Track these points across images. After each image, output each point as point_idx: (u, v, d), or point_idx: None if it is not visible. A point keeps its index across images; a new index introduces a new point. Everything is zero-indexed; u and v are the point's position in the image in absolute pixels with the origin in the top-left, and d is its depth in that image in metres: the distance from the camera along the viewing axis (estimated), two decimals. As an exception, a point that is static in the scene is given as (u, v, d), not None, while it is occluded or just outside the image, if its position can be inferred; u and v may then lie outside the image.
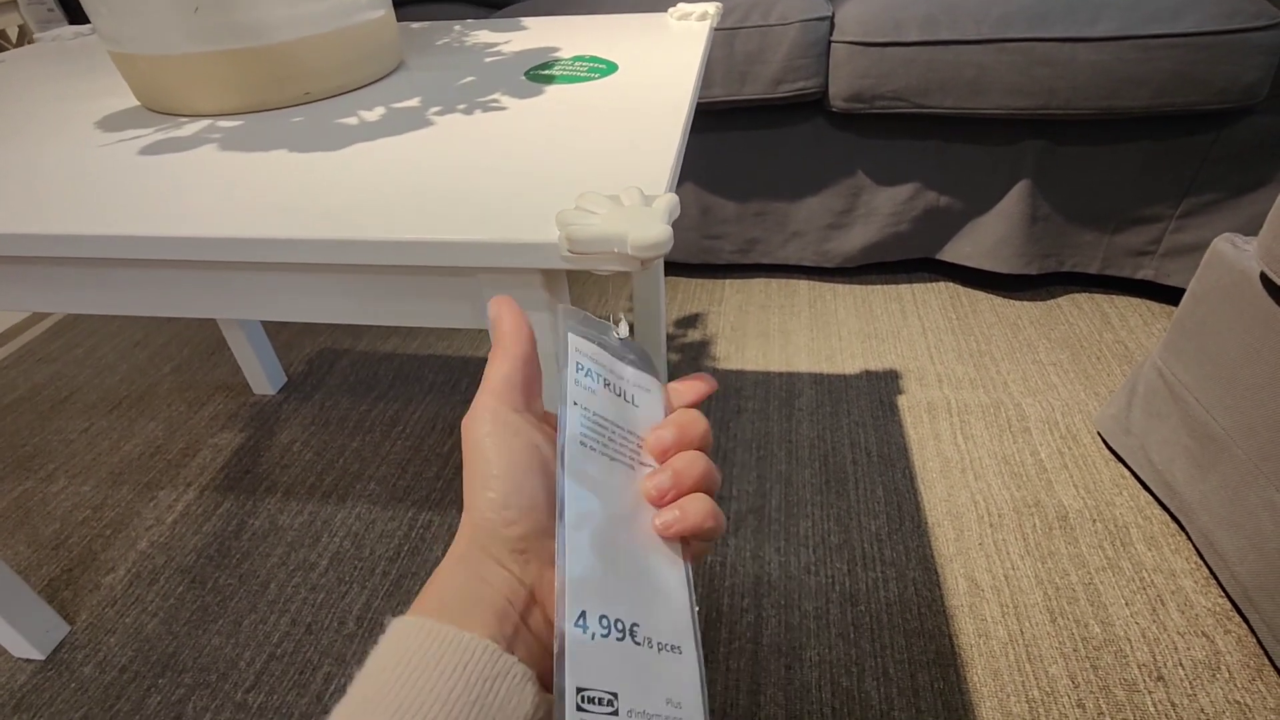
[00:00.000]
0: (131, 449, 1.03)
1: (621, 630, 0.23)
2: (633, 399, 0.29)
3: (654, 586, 0.25)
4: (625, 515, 0.26)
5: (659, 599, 0.25)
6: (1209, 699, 0.66)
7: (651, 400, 0.30)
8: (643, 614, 0.24)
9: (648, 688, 0.23)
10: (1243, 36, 0.92)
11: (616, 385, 0.29)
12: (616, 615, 0.24)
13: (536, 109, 0.49)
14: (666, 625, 0.25)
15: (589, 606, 0.23)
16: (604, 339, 0.30)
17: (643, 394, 0.30)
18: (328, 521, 0.90)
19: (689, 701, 0.23)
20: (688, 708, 0.23)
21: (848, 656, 0.71)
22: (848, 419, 1.00)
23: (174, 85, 0.51)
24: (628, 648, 0.23)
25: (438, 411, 1.06)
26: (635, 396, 0.29)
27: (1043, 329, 1.16)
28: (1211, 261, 0.76)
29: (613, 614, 0.23)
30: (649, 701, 0.22)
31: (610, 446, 0.27)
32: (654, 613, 0.25)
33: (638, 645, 0.23)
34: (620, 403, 0.28)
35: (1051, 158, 1.11)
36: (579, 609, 0.23)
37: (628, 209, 0.33)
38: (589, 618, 0.23)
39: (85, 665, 0.75)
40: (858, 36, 1.04)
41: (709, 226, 1.29)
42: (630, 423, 0.28)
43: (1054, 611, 0.74)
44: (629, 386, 0.29)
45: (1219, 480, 0.73)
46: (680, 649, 0.24)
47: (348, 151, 0.44)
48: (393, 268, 0.38)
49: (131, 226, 0.36)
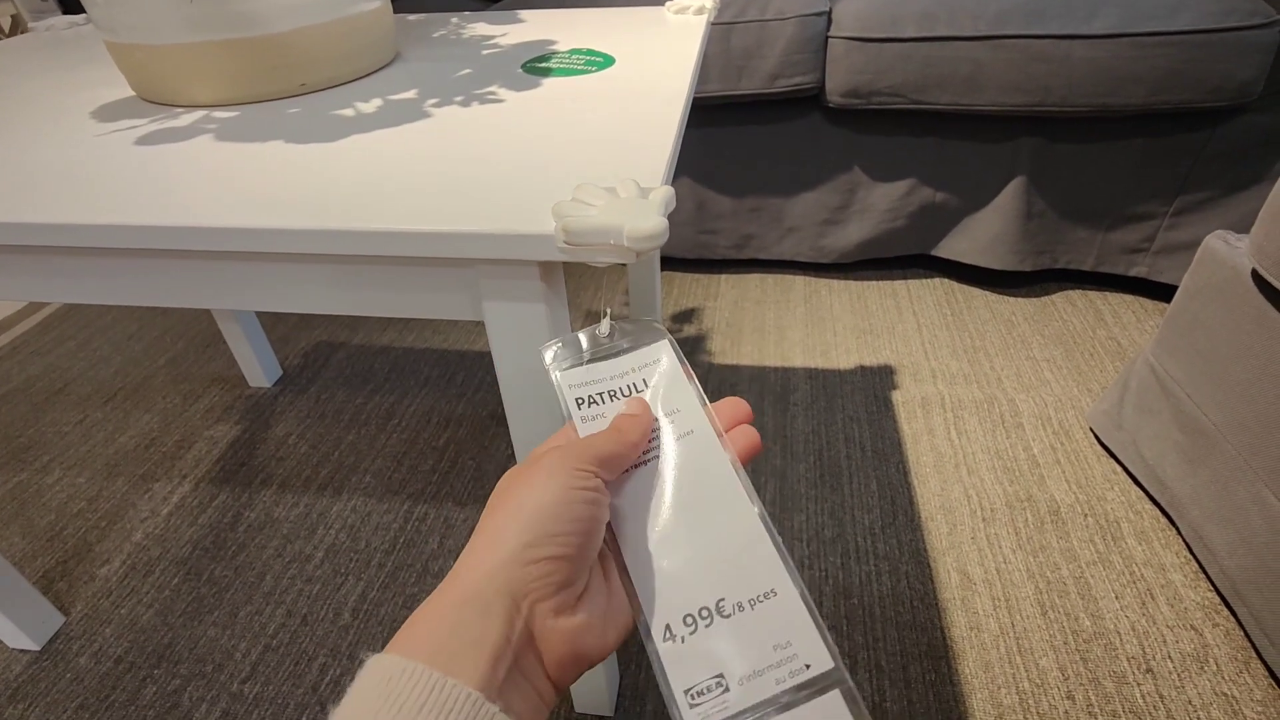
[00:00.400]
0: (127, 441, 1.03)
1: (708, 615, 0.24)
2: (644, 383, 0.30)
3: (729, 547, 0.26)
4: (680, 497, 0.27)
5: (738, 555, 0.26)
6: (1197, 691, 0.66)
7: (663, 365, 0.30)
8: (725, 584, 0.25)
9: (750, 649, 0.24)
10: (1238, 35, 0.93)
11: (622, 386, 0.30)
12: (700, 605, 0.24)
13: (533, 101, 0.49)
14: (753, 578, 0.25)
15: (670, 618, 0.24)
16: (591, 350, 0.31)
17: (651, 369, 0.30)
18: (323, 514, 0.90)
19: (798, 637, 0.24)
20: (798, 642, 0.24)
21: (841, 649, 0.72)
22: (842, 414, 1.01)
23: (170, 75, 0.51)
24: (718, 627, 0.24)
25: (433, 405, 1.06)
26: (646, 378, 0.30)
27: (1037, 325, 1.16)
28: (1204, 258, 0.77)
29: (695, 607, 0.24)
30: (756, 660, 0.23)
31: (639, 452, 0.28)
32: (737, 574, 0.25)
33: (727, 618, 0.24)
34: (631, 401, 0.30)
35: (1047, 155, 1.11)
36: (662, 625, 0.24)
37: (624, 200, 0.33)
38: (673, 627, 0.24)
39: (80, 656, 0.75)
40: (855, 32, 1.04)
41: (705, 222, 1.29)
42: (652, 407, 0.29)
43: (1045, 605, 0.75)
44: (634, 376, 0.30)
45: (1209, 475, 0.74)
46: (775, 591, 0.25)
47: (344, 143, 0.44)
48: (389, 259, 0.38)
49: (128, 216, 0.36)
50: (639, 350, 0.30)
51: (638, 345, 0.31)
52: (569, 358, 0.31)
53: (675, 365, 0.30)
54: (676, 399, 0.29)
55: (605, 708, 0.67)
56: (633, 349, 0.31)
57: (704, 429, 0.28)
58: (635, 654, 0.72)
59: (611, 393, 0.29)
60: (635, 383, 0.30)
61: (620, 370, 0.30)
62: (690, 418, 0.29)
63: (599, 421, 0.29)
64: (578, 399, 0.29)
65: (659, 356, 0.30)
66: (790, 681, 0.23)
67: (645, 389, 0.29)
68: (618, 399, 0.29)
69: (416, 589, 0.80)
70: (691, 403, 0.29)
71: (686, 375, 0.30)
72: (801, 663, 0.24)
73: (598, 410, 0.29)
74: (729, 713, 0.23)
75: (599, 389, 0.29)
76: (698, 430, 0.28)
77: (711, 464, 0.27)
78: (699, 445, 0.28)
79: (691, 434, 0.28)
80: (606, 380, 0.30)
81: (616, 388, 0.30)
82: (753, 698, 0.23)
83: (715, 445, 0.28)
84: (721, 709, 0.23)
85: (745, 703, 0.23)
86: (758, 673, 0.23)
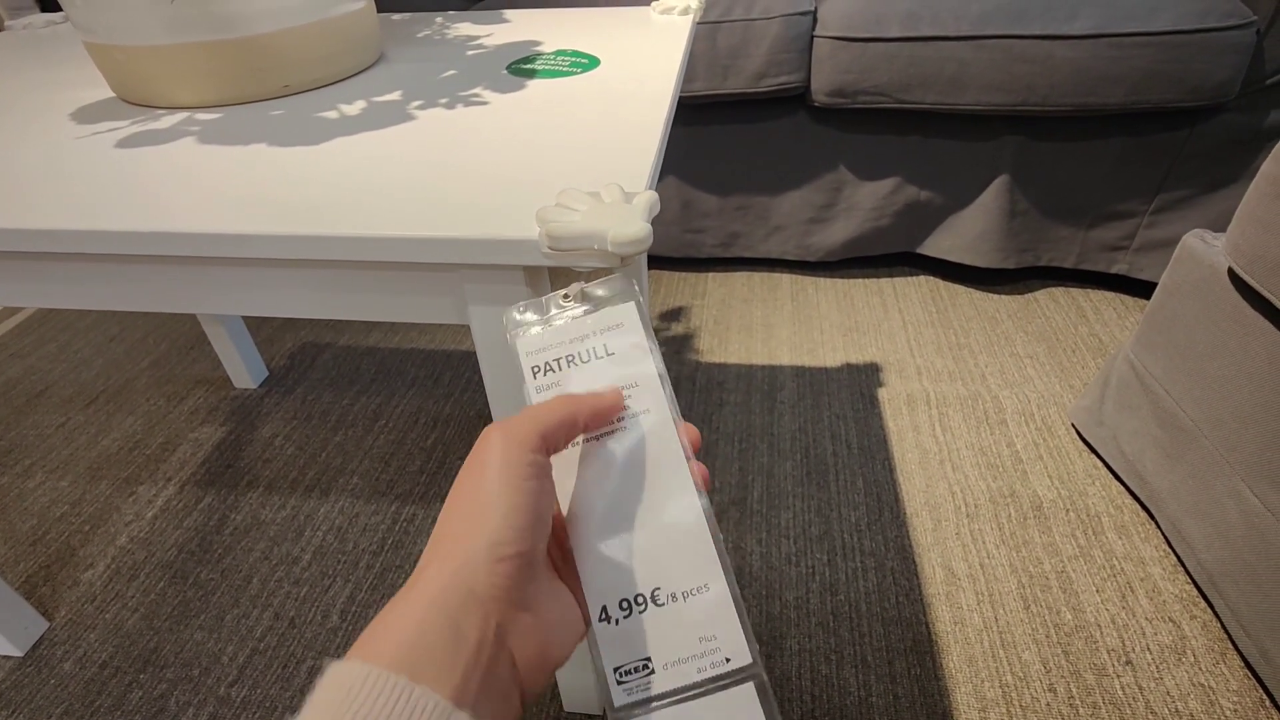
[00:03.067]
0: (110, 444, 1.02)
1: (643, 603, 0.26)
2: (605, 348, 0.28)
3: (670, 536, 0.26)
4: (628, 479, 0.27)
5: (678, 549, 0.26)
6: (1175, 682, 0.68)
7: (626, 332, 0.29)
8: (662, 574, 0.26)
9: (678, 638, 0.25)
10: (1216, 35, 0.94)
11: (582, 351, 0.28)
12: (636, 592, 0.26)
13: (518, 104, 0.49)
14: (688, 571, 0.26)
15: (607, 600, 0.25)
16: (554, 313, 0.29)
17: (615, 333, 0.29)
18: (310, 516, 0.89)
19: (723, 632, 0.25)
20: (722, 636, 0.25)
21: (827, 645, 0.72)
22: (829, 412, 1.01)
23: (151, 77, 0.50)
24: (651, 615, 0.25)
25: (420, 406, 1.06)
26: (607, 344, 0.29)
27: (1020, 322, 1.18)
28: (1181, 256, 0.78)
29: (631, 593, 0.26)
30: (682, 649, 0.25)
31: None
32: (674, 566, 0.26)
33: (660, 607, 0.26)
34: (591, 366, 0.28)
35: (1029, 153, 1.12)
36: (599, 606, 0.25)
37: (608, 206, 0.33)
38: (609, 609, 0.25)
39: (65, 661, 0.74)
40: (840, 32, 1.04)
41: (691, 220, 1.29)
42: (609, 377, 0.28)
43: (1027, 599, 0.76)
44: (596, 340, 0.29)
45: (1187, 470, 0.75)
46: (707, 586, 0.26)
47: (328, 146, 0.44)
48: (374, 263, 0.38)
49: (110, 222, 0.36)
50: (602, 312, 0.29)
51: (602, 306, 0.29)
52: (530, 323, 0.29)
53: (639, 331, 0.29)
54: (637, 371, 0.28)
55: (594, 706, 0.67)
56: (597, 308, 0.29)
57: (661, 409, 0.28)
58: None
59: (570, 357, 0.28)
60: (595, 348, 0.28)
61: (581, 333, 0.29)
62: (647, 394, 0.28)
63: (552, 391, 0.28)
64: (533, 367, 0.28)
65: (622, 320, 0.29)
66: (710, 671, 0.25)
67: (606, 355, 0.28)
68: (576, 364, 0.28)
69: (405, 590, 0.79)
70: (650, 376, 0.28)
71: (650, 346, 0.28)
72: (723, 655, 0.25)
73: (554, 379, 0.28)
74: (651, 693, 0.25)
75: (557, 354, 0.28)
76: (654, 409, 0.28)
77: (664, 450, 0.27)
78: (653, 427, 0.27)
79: (648, 412, 0.28)
80: (566, 344, 0.28)
81: (576, 352, 0.28)
82: (675, 682, 0.25)
83: (670, 430, 0.27)
84: (644, 690, 0.25)
85: (667, 685, 0.25)
86: (682, 660, 0.25)
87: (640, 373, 0.28)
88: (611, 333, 0.29)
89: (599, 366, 0.28)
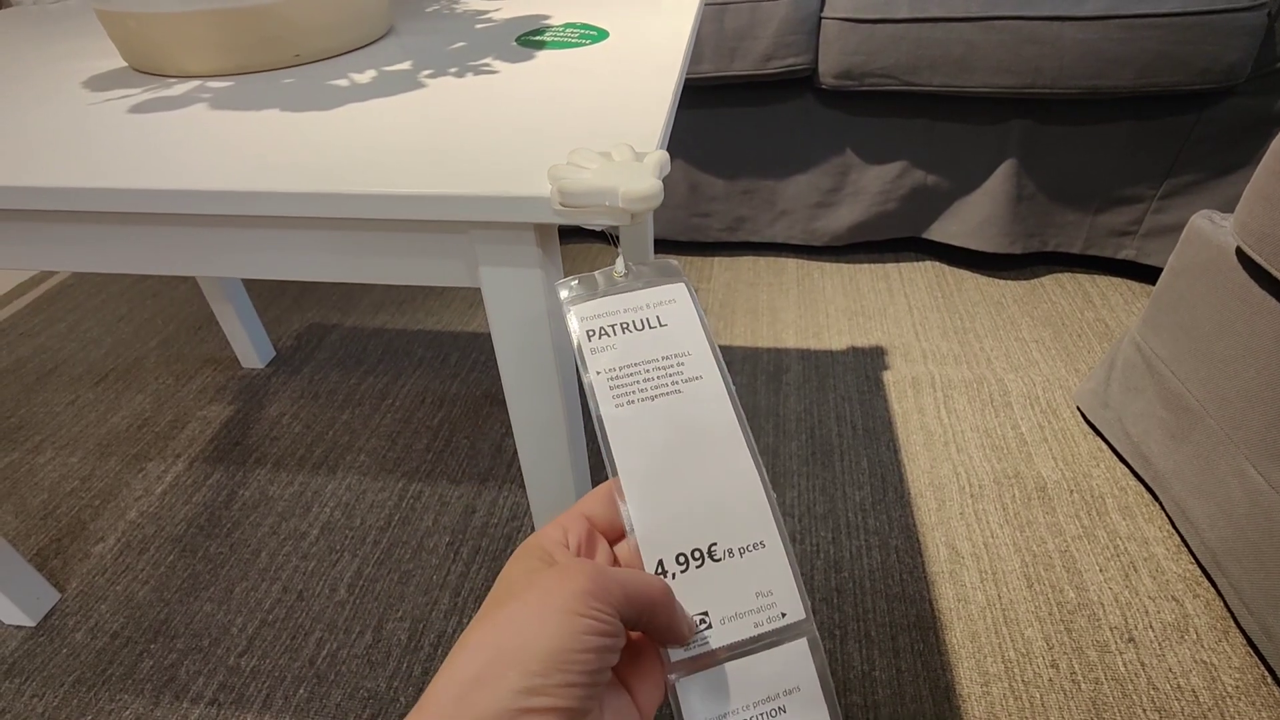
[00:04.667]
0: (119, 421, 1.03)
1: (700, 557, 0.26)
2: (658, 320, 0.30)
3: (726, 496, 0.27)
4: (683, 440, 0.27)
5: (734, 505, 0.27)
6: (1177, 659, 0.68)
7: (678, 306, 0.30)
8: (719, 529, 0.26)
9: (735, 593, 0.25)
10: (1226, 17, 0.94)
11: (636, 320, 0.29)
12: (692, 546, 0.26)
13: (528, 72, 0.50)
14: (745, 527, 0.26)
15: (664, 554, 0.25)
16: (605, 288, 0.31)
17: (667, 307, 0.30)
18: (318, 492, 0.90)
19: (779, 587, 0.26)
20: (779, 592, 0.26)
21: (831, 620, 0.73)
22: (834, 394, 1.02)
23: (162, 45, 0.51)
24: (708, 570, 0.26)
25: (427, 385, 1.06)
26: (660, 315, 0.30)
27: (1026, 307, 1.18)
28: (1189, 237, 0.78)
29: (688, 547, 0.26)
30: (739, 603, 0.25)
31: (648, 386, 0.28)
32: (730, 522, 0.26)
33: (717, 561, 0.26)
34: (644, 334, 0.29)
35: (1037, 137, 1.12)
36: (655, 560, 0.25)
37: (619, 164, 0.33)
38: (665, 563, 0.25)
39: (77, 632, 0.75)
40: (848, 13, 1.04)
41: (697, 204, 1.29)
42: (663, 345, 0.29)
43: (1031, 578, 0.76)
44: (649, 311, 0.30)
45: (1192, 450, 0.76)
46: (763, 543, 0.26)
47: (339, 111, 0.44)
48: (384, 223, 0.38)
49: (124, 180, 0.36)
50: (654, 288, 0.30)
51: (653, 283, 0.30)
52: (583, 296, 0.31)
53: (690, 307, 0.30)
54: (690, 341, 0.29)
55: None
56: (647, 286, 0.30)
57: (713, 376, 0.29)
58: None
59: (624, 325, 0.29)
60: (649, 318, 0.29)
61: (635, 304, 0.30)
62: (701, 363, 0.29)
63: (610, 353, 0.28)
64: (589, 330, 0.29)
65: (674, 297, 0.30)
66: (767, 626, 0.25)
67: (659, 326, 0.29)
68: (630, 331, 0.29)
69: (411, 565, 0.80)
70: (703, 347, 0.29)
71: (701, 321, 0.30)
72: (779, 610, 0.25)
73: (609, 341, 0.29)
74: (709, 648, 0.25)
75: (612, 320, 0.29)
76: (707, 376, 0.29)
77: (718, 411, 0.28)
78: (708, 391, 0.28)
79: (701, 379, 0.29)
80: (620, 313, 0.29)
81: (630, 320, 0.29)
82: (732, 636, 0.25)
83: (723, 393, 0.28)
84: (703, 643, 0.25)
85: (725, 640, 0.25)
86: (739, 615, 0.25)
87: (693, 342, 0.29)
88: (664, 306, 0.30)
89: (654, 335, 0.29)
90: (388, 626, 0.74)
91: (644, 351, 0.29)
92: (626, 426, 0.27)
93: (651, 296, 0.30)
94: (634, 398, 0.28)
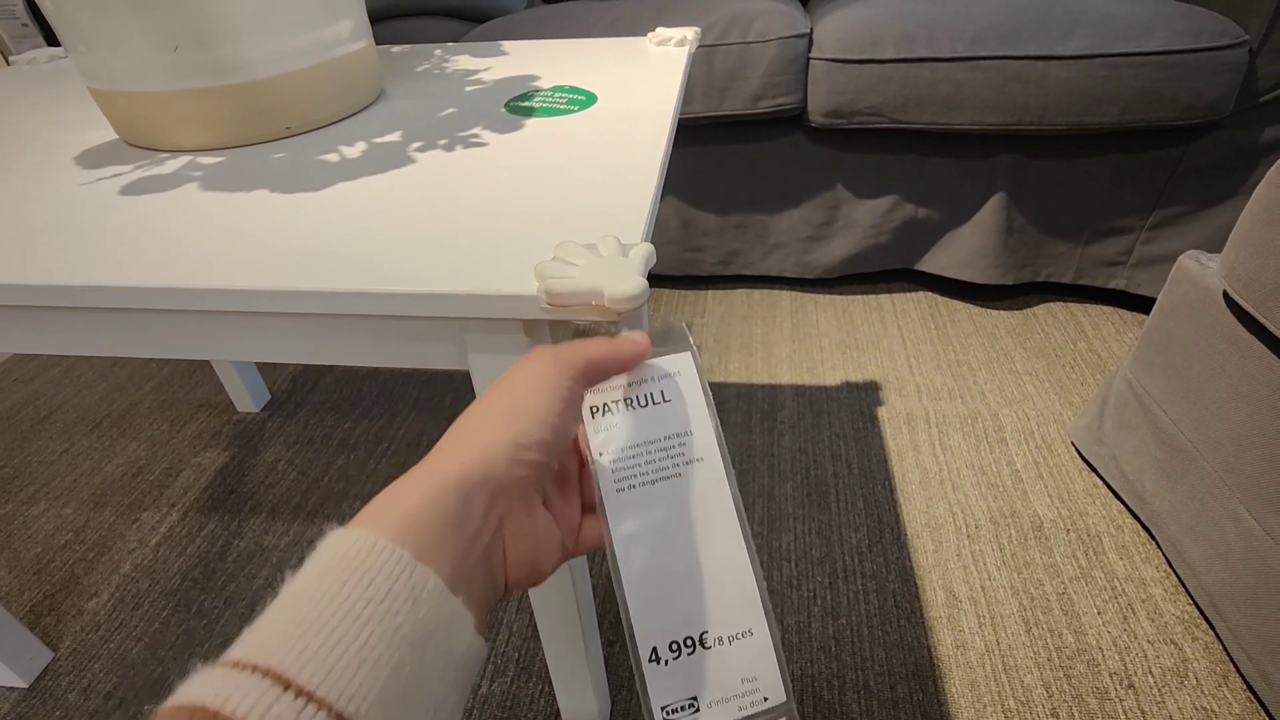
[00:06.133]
0: (113, 470, 1.03)
1: (691, 645, 0.27)
2: (662, 395, 0.30)
3: (719, 584, 0.28)
4: (681, 525, 0.28)
5: (725, 593, 0.28)
6: (1177, 705, 0.68)
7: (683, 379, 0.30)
8: (710, 617, 0.27)
9: (723, 679, 0.27)
10: (1209, 55, 0.95)
11: (640, 395, 0.30)
12: (685, 634, 0.27)
13: (516, 145, 0.50)
14: (735, 614, 0.27)
15: (658, 642, 0.27)
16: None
17: (670, 382, 0.30)
18: (314, 541, 0.89)
19: (764, 672, 0.27)
20: (763, 678, 0.27)
21: (829, 670, 0.73)
22: (829, 431, 1.02)
23: (154, 121, 0.51)
24: (699, 657, 0.27)
25: (422, 429, 1.06)
26: (664, 390, 0.30)
27: (1019, 338, 1.18)
28: (1177, 278, 0.78)
29: (681, 635, 0.27)
30: (726, 689, 0.27)
31: (649, 470, 0.29)
32: (721, 609, 0.27)
33: (708, 649, 0.27)
34: (649, 411, 0.30)
35: (1026, 171, 1.13)
36: (650, 647, 0.27)
37: (605, 260, 0.33)
38: (659, 651, 0.27)
39: (69, 693, 0.75)
40: (836, 54, 1.05)
41: (690, 239, 1.30)
42: (666, 424, 0.29)
43: (1029, 621, 0.76)
44: (653, 385, 0.30)
45: (1186, 491, 0.76)
46: (752, 631, 0.27)
47: (329, 192, 0.45)
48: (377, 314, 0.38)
49: (115, 277, 0.36)
50: (660, 359, 0.30)
51: (658, 352, 0.30)
52: None
53: (695, 380, 0.30)
54: (693, 420, 0.29)
55: (597, 735, 0.67)
56: (654, 355, 0.30)
57: (714, 458, 0.29)
58: (626, 680, 0.73)
59: (629, 400, 0.30)
60: (653, 393, 0.30)
61: (639, 377, 0.30)
62: (702, 444, 0.29)
63: (611, 433, 0.29)
64: (592, 407, 0.29)
65: (679, 368, 0.30)
66: (750, 710, 0.27)
67: (663, 401, 0.29)
68: (634, 408, 0.29)
69: (408, 617, 0.80)
70: (705, 426, 0.29)
71: (705, 396, 0.30)
72: (762, 695, 0.27)
73: (612, 420, 0.29)
74: None
75: (615, 396, 0.30)
76: (708, 459, 0.29)
77: (717, 499, 0.29)
78: (707, 474, 0.29)
79: (701, 461, 0.29)
80: (625, 386, 0.30)
81: (634, 395, 0.30)
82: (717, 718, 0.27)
83: (722, 479, 0.29)
84: None
85: None
86: (725, 700, 0.27)
87: (696, 420, 0.29)
88: (668, 380, 0.30)
89: (656, 412, 0.29)
90: (384, 683, 0.73)
91: (646, 432, 0.29)
92: (627, 511, 0.28)
93: (656, 369, 0.30)
94: (635, 482, 0.28)
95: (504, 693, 0.72)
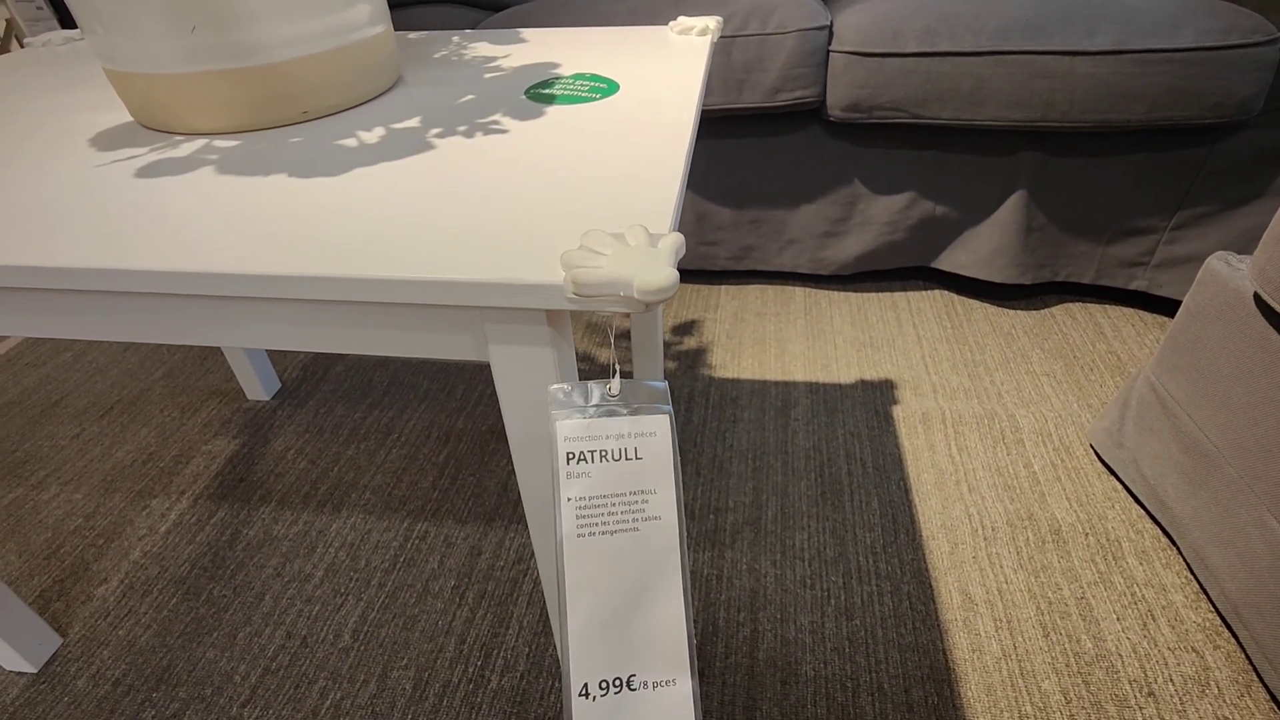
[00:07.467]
0: (124, 456, 1.02)
1: (619, 685, 0.29)
2: (635, 452, 0.31)
3: (654, 634, 0.30)
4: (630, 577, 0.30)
5: (659, 643, 0.30)
6: (1198, 715, 0.66)
7: (657, 440, 0.32)
8: (640, 663, 0.29)
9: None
10: (1239, 52, 0.93)
11: (614, 449, 0.31)
12: (614, 675, 0.29)
13: (538, 132, 0.49)
14: (663, 664, 0.29)
15: (589, 679, 0.28)
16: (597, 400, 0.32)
17: (646, 440, 0.31)
18: (323, 531, 0.89)
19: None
20: None
21: (843, 672, 0.72)
22: (843, 429, 1.00)
23: (170, 104, 0.50)
24: (624, 697, 0.29)
25: (433, 420, 1.06)
26: (638, 448, 0.31)
27: (1036, 339, 1.16)
28: (1205, 280, 0.77)
29: (611, 675, 0.29)
30: None
31: (610, 521, 0.31)
32: (651, 658, 0.29)
33: (634, 691, 0.29)
34: (620, 466, 0.31)
35: (1047, 169, 1.11)
36: (581, 683, 0.28)
37: (633, 250, 0.32)
38: (589, 688, 0.28)
39: (78, 679, 0.74)
40: (856, 46, 1.03)
41: (705, 233, 1.29)
42: (634, 480, 0.31)
43: (1047, 626, 0.75)
44: (628, 442, 0.31)
45: (1210, 496, 0.74)
46: (675, 681, 0.29)
47: (347, 177, 0.44)
48: (395, 301, 0.38)
49: (131, 260, 0.36)
50: (639, 417, 0.32)
51: (640, 411, 0.32)
52: (572, 405, 0.33)
53: (668, 443, 0.32)
54: (658, 479, 0.31)
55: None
56: (634, 414, 0.32)
57: (670, 517, 0.31)
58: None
59: (603, 453, 0.31)
60: (627, 449, 0.31)
61: (617, 432, 0.31)
62: (663, 502, 0.31)
63: (583, 481, 0.31)
64: (569, 453, 0.31)
65: (655, 429, 0.32)
66: None
67: (635, 459, 0.31)
68: (607, 461, 0.31)
69: (416, 610, 0.79)
70: (668, 488, 0.31)
71: (674, 457, 0.32)
72: None
73: (585, 469, 0.31)
74: None
75: (592, 446, 0.31)
76: (665, 518, 0.31)
77: (666, 556, 0.30)
78: (663, 534, 0.31)
79: (659, 520, 0.31)
80: (602, 439, 0.31)
81: (609, 449, 0.31)
82: None
83: (674, 539, 0.31)
84: None
85: None
86: None
87: (662, 480, 0.31)
88: (644, 439, 0.32)
89: (627, 468, 0.31)
90: (392, 675, 0.73)
91: (614, 484, 0.31)
92: (582, 556, 0.30)
93: (636, 426, 0.32)
94: (595, 530, 0.31)
95: (514, 688, 0.71)
